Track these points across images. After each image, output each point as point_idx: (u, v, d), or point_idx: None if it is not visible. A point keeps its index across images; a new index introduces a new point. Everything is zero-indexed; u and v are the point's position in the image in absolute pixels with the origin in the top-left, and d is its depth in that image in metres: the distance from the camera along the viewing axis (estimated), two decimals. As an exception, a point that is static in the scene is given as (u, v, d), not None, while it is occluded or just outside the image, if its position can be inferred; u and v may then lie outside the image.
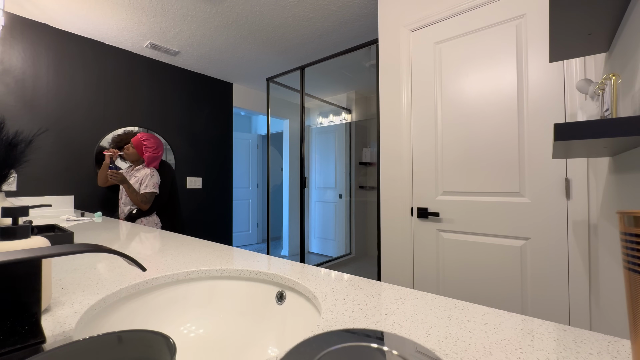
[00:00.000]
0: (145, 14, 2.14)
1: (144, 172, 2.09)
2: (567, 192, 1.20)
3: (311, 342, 0.27)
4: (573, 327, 0.39)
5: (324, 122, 4.06)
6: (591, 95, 0.86)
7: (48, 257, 0.29)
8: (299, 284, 0.56)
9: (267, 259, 0.73)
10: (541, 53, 1.25)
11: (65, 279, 0.57)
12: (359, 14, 2.14)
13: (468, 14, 1.44)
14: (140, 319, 0.55)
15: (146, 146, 2.10)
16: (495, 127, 1.36)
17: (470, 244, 1.42)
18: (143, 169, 2.12)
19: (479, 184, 1.40)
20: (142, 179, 2.06)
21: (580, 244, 1.17)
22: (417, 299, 0.49)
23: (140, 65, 2.80)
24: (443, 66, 1.52)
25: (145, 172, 2.08)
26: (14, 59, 2.15)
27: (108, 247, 0.33)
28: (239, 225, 4.54)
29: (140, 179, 2.06)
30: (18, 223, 0.40)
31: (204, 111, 3.29)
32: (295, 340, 0.53)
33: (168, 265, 0.67)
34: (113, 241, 1.00)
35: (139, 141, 2.10)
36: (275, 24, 2.27)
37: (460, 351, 0.33)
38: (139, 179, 2.07)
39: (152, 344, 0.27)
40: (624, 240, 0.27)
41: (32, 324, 0.35)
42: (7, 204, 1.16)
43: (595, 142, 0.57)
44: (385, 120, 1.73)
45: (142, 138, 2.10)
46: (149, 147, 2.10)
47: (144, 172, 2.09)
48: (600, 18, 0.73)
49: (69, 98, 2.40)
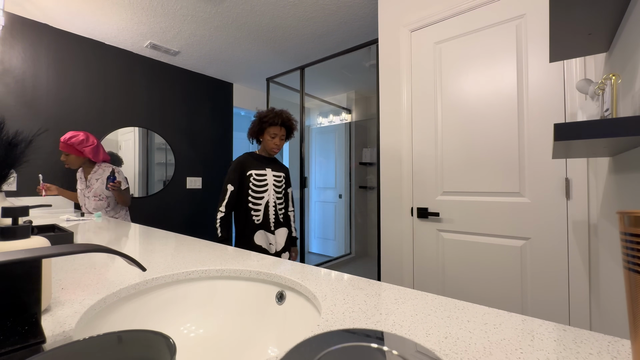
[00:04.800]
0: (145, 14, 2.14)
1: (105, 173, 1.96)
2: (567, 192, 1.20)
3: (311, 342, 0.27)
4: (573, 327, 0.39)
5: (324, 122, 4.06)
6: (591, 95, 0.86)
7: (48, 257, 0.29)
8: (299, 284, 0.56)
9: (267, 259, 0.73)
10: (541, 53, 1.25)
11: (65, 279, 0.57)
12: (359, 14, 2.14)
13: (468, 14, 1.44)
14: (140, 319, 0.55)
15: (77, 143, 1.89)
16: (495, 127, 1.36)
17: (470, 244, 1.42)
18: (100, 169, 1.99)
19: (479, 184, 1.40)
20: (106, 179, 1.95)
21: (580, 244, 1.17)
22: (417, 299, 0.49)
23: (140, 65, 2.80)
24: (443, 66, 1.52)
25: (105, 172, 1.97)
26: (14, 59, 2.15)
27: (108, 247, 0.33)
28: (239, 225, 4.54)
29: (102, 179, 1.96)
30: (18, 223, 0.40)
31: (204, 111, 3.29)
32: (295, 340, 0.53)
33: (168, 265, 0.67)
34: (113, 241, 1.00)
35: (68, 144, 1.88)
36: (275, 24, 2.27)
37: (460, 351, 0.33)
38: (102, 180, 1.95)
39: (152, 344, 0.27)
40: (624, 240, 0.27)
41: (32, 324, 0.35)
42: (7, 204, 1.16)
43: (595, 142, 0.57)
44: (385, 120, 1.73)
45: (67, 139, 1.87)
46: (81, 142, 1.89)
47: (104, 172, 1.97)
48: (600, 18, 0.73)
49: (69, 98, 2.40)
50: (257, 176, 1.55)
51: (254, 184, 1.54)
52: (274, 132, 1.57)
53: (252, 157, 1.61)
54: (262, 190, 1.55)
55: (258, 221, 1.54)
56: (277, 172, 1.62)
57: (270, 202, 1.56)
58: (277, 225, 1.60)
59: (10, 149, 0.97)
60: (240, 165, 1.56)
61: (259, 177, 1.55)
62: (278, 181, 1.61)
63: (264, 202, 1.55)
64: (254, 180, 1.54)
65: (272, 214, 1.57)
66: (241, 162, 1.56)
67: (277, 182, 1.60)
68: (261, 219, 1.54)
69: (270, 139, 1.58)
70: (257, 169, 1.57)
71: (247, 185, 1.53)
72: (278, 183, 1.61)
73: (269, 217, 1.56)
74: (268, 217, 1.55)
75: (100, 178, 1.96)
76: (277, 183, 1.60)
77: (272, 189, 1.57)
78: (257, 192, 1.54)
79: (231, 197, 1.52)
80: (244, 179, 1.54)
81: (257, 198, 1.54)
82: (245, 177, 1.54)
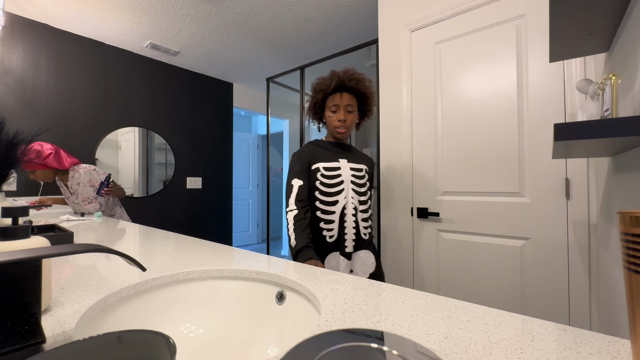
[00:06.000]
0: (145, 14, 2.14)
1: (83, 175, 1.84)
2: (567, 192, 1.20)
3: (311, 342, 0.27)
4: (573, 327, 0.39)
5: (324, 122, 4.06)
6: (591, 95, 0.86)
7: (48, 257, 0.29)
8: (299, 284, 0.56)
9: (267, 259, 0.73)
10: (541, 53, 1.25)
11: (65, 279, 0.57)
12: (359, 14, 2.14)
13: (468, 14, 1.44)
14: (140, 319, 0.55)
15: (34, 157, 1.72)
16: (495, 127, 1.36)
17: (470, 244, 1.42)
18: (75, 172, 1.86)
19: (479, 184, 1.40)
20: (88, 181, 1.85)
21: (580, 244, 1.17)
22: (417, 299, 0.49)
23: (140, 65, 2.80)
24: (443, 66, 1.52)
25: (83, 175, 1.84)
26: (14, 59, 2.15)
27: (108, 247, 0.33)
28: (239, 225, 4.54)
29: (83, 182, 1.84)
30: (18, 223, 0.40)
31: (204, 111, 3.29)
32: (295, 340, 0.53)
33: (168, 265, 0.67)
34: (113, 241, 1.00)
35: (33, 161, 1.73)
36: (275, 24, 2.27)
37: (460, 351, 0.33)
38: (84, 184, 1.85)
39: (152, 344, 0.27)
40: (624, 240, 0.27)
41: (32, 324, 0.35)
42: (7, 204, 1.16)
43: (595, 142, 0.57)
44: (385, 120, 1.73)
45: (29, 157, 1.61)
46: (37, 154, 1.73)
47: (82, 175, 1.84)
48: (600, 18, 0.73)
49: (69, 98, 2.40)
50: (326, 171, 1.07)
51: (323, 183, 1.06)
52: (333, 103, 1.08)
53: (317, 146, 1.13)
54: (335, 192, 1.06)
55: (331, 238, 1.05)
56: (356, 164, 1.11)
57: (348, 209, 1.06)
58: (358, 246, 1.07)
59: (10, 149, 0.97)
60: (302, 156, 1.10)
61: (330, 172, 1.07)
62: (359, 177, 1.10)
63: (339, 209, 1.05)
64: (322, 178, 1.07)
65: (352, 227, 1.06)
66: (303, 153, 1.11)
67: (358, 179, 1.10)
68: (335, 235, 1.05)
69: (332, 115, 1.09)
70: (326, 160, 1.09)
71: (313, 185, 1.08)
72: (359, 180, 1.10)
73: (345, 233, 1.05)
74: (343, 232, 1.05)
75: (81, 181, 1.86)
76: (357, 180, 1.09)
77: (351, 188, 1.08)
78: (327, 193, 1.06)
79: (302, 191, 1.06)
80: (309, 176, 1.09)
81: (327, 203, 1.06)
82: (311, 172, 1.09)
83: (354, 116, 1.10)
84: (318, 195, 1.06)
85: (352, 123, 1.10)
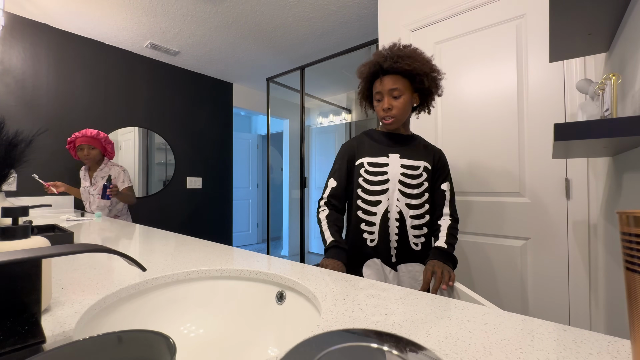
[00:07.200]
0: (145, 14, 2.14)
1: (115, 170, 2.02)
2: (567, 192, 1.20)
3: (311, 342, 0.27)
4: (573, 327, 0.39)
5: (324, 122, 4.06)
6: (591, 95, 0.86)
7: (48, 257, 0.29)
8: (299, 284, 0.56)
9: (267, 259, 0.73)
10: (541, 53, 1.25)
11: (65, 279, 0.57)
12: (359, 14, 2.14)
13: (468, 14, 1.44)
14: (140, 319, 0.55)
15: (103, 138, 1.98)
16: (495, 127, 1.36)
17: (470, 243, 1.42)
18: (106, 167, 2.03)
19: (479, 184, 1.40)
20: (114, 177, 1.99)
21: (580, 244, 1.17)
22: (417, 299, 0.49)
23: (140, 65, 2.80)
24: (443, 66, 1.51)
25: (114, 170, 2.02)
26: (14, 59, 2.15)
27: (108, 247, 0.33)
28: (239, 225, 4.54)
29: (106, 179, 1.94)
30: (18, 223, 0.40)
31: (204, 111, 3.30)
32: (295, 340, 0.53)
33: (168, 265, 0.67)
34: (113, 241, 1.00)
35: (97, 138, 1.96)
36: (275, 24, 2.27)
37: (460, 351, 0.33)
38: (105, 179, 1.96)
39: (152, 344, 0.27)
40: (624, 240, 0.27)
41: (32, 324, 0.35)
42: (7, 204, 1.16)
43: (595, 142, 0.58)
44: (385, 120, 1.73)
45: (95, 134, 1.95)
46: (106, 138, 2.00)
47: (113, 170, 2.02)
48: (600, 18, 0.73)
49: (69, 98, 2.40)
50: (370, 166, 0.95)
51: (366, 180, 0.94)
52: (375, 91, 0.95)
53: (367, 137, 1.01)
54: (377, 191, 0.93)
55: (372, 242, 0.93)
56: (410, 160, 0.95)
57: (392, 212, 0.92)
58: (402, 256, 0.93)
59: (10, 149, 0.97)
60: (349, 149, 1.00)
61: (374, 169, 0.94)
62: (411, 176, 0.93)
63: (381, 211, 0.92)
64: (366, 174, 0.94)
65: (395, 232, 0.92)
66: (348, 147, 1.01)
67: (409, 178, 0.93)
68: (376, 239, 0.93)
69: (377, 104, 0.96)
70: (373, 154, 0.96)
71: (355, 182, 0.97)
72: (411, 179, 0.93)
73: (390, 238, 0.92)
74: (388, 237, 0.92)
75: (106, 176, 1.99)
76: (408, 179, 0.93)
77: (398, 189, 0.93)
78: (370, 192, 0.93)
79: (335, 192, 0.98)
80: (352, 171, 0.99)
81: (369, 202, 0.93)
82: (355, 167, 0.98)
83: (404, 101, 0.91)
84: (360, 193, 0.95)
85: (403, 109, 0.92)
